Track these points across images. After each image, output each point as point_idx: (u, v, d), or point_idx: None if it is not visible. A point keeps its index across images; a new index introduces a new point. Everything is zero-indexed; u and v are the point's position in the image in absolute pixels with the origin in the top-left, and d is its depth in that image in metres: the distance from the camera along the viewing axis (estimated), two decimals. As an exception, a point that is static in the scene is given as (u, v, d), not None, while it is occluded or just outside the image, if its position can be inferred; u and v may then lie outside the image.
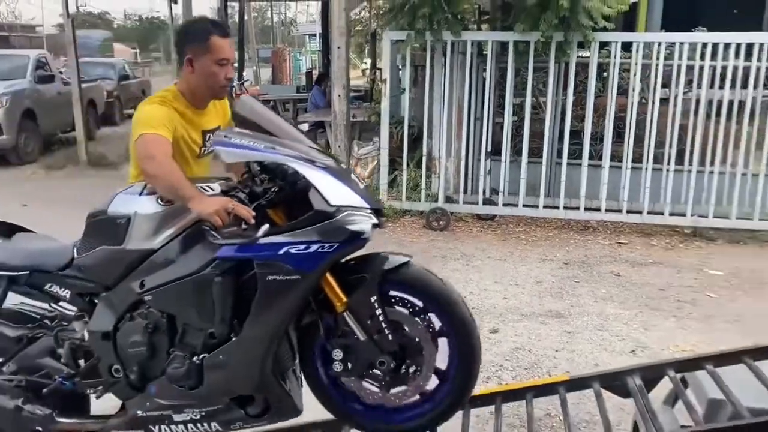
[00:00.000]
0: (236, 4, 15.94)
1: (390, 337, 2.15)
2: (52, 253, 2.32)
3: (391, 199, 6.96)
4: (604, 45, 6.37)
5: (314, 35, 23.04)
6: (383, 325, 2.14)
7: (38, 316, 2.45)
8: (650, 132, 6.22)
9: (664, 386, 2.65)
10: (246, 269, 2.07)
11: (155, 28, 42.39)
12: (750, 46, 5.88)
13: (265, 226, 2.00)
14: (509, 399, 2.71)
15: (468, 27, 7.40)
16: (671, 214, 6.32)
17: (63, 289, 2.28)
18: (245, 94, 2.37)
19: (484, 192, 6.80)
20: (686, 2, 10.50)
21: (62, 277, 2.26)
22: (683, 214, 6.29)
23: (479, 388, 2.43)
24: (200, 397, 2.18)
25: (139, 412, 2.23)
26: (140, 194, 2.21)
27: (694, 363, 2.57)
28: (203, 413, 2.21)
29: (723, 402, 2.32)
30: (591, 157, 6.45)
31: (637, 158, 6.33)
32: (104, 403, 2.39)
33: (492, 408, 2.64)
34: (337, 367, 2.19)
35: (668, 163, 6.26)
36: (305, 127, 10.16)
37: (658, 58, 6.10)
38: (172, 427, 2.24)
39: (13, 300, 2.40)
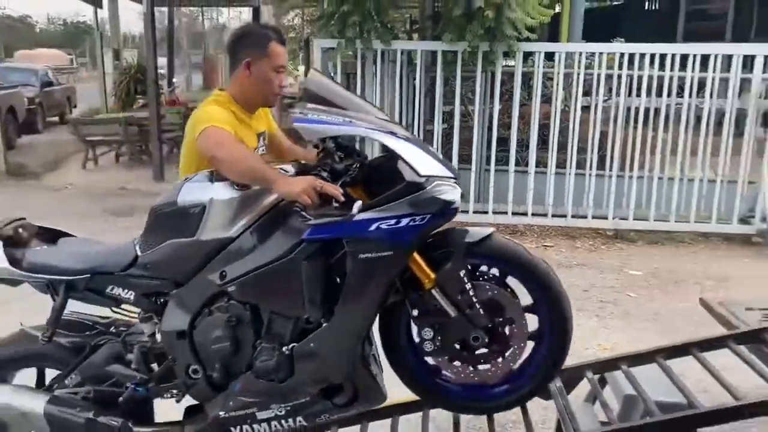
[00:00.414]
0: (165, 9, 15.60)
1: (481, 311, 2.06)
2: (112, 253, 2.17)
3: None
4: (528, 55, 6.57)
5: (247, 41, 22.69)
6: (474, 299, 2.06)
7: (90, 323, 2.32)
8: (573, 139, 6.45)
9: (588, 383, 2.75)
10: (333, 250, 1.98)
11: (80, 32, 40.86)
12: (663, 57, 6.18)
13: (359, 202, 1.90)
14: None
15: (398, 36, 7.49)
16: (594, 218, 6.57)
17: (126, 291, 2.13)
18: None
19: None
20: (606, 14, 11.00)
21: (126, 278, 2.12)
22: (605, 217, 6.56)
23: (408, 395, 2.46)
24: (289, 390, 2.08)
25: (221, 413, 2.11)
26: (212, 181, 2.09)
27: (611, 364, 2.68)
28: (289, 408, 2.10)
29: (637, 398, 2.44)
30: (517, 164, 6.64)
31: (561, 164, 6.55)
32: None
33: (420, 414, 2.67)
34: (428, 347, 2.10)
35: (590, 169, 6.50)
36: (237, 134, 10.05)
37: (579, 68, 6.34)
38: (255, 426, 2.12)
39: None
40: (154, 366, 2.20)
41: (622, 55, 6.27)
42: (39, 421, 2.19)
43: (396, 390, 2.29)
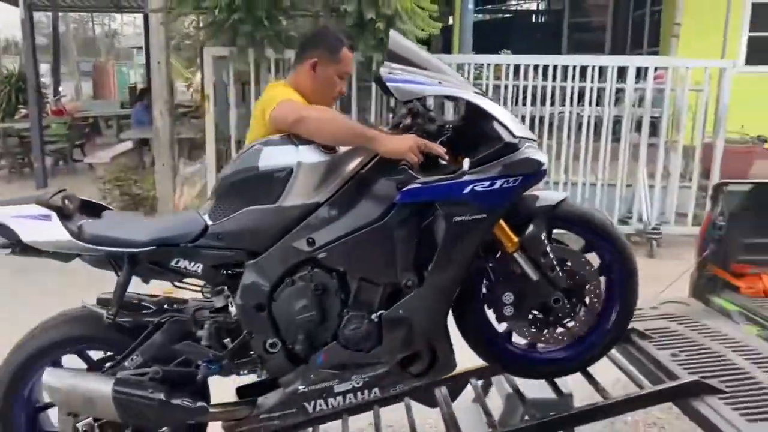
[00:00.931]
0: (50, 14, 14.76)
1: (560, 273, 2.09)
2: (178, 224, 2.05)
3: (222, 219, 6.76)
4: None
5: (141, 48, 21.93)
6: (554, 262, 2.07)
7: (137, 301, 2.18)
8: (466, 146, 6.61)
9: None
10: (423, 214, 1.96)
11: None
12: (546, 68, 6.47)
13: (467, 159, 1.88)
14: (327, 419, 2.73)
15: (294, 45, 7.44)
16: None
17: (193, 263, 2.02)
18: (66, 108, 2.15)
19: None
20: (496, 27, 11.45)
21: (194, 249, 2.01)
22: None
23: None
24: (372, 359, 2.04)
25: (301, 387, 2.04)
26: (296, 144, 2.00)
27: (491, 370, 2.76)
28: (367, 379, 2.05)
29: (520, 393, 2.54)
30: (414, 171, 6.73)
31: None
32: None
33: (309, 430, 2.64)
34: (507, 311, 2.11)
35: (483, 175, 6.69)
36: (129, 144, 9.66)
37: (468, 78, 6.52)
38: (330, 400, 2.06)
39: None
40: (228, 342, 2.10)
41: (508, 66, 6.52)
42: (105, 406, 2.04)
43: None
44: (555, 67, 6.43)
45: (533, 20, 14.86)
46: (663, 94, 6.49)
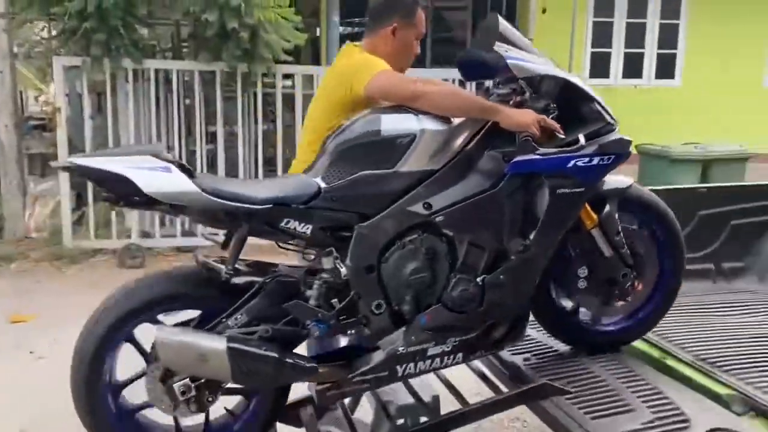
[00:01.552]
0: None
1: (628, 251, 2.29)
2: (294, 185, 2.06)
3: (79, 238, 6.33)
4: (289, 76, 6.66)
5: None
6: (625, 240, 2.27)
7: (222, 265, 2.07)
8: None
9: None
10: (529, 184, 2.08)
11: None
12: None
13: (582, 135, 2.05)
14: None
15: (155, 54, 7.14)
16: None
17: (303, 225, 2.01)
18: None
19: (182, 223, 6.58)
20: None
21: (306, 211, 2.01)
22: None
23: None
24: (470, 323, 2.12)
25: (401, 348, 2.08)
26: (416, 114, 2.08)
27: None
28: (457, 342, 2.13)
29: (387, 403, 2.57)
30: (285, 183, 6.67)
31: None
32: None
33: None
34: (581, 284, 2.29)
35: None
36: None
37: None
38: (419, 363, 2.11)
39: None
40: (335, 302, 2.09)
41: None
42: (219, 364, 1.96)
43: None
44: (452, 81, 6.61)
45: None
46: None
